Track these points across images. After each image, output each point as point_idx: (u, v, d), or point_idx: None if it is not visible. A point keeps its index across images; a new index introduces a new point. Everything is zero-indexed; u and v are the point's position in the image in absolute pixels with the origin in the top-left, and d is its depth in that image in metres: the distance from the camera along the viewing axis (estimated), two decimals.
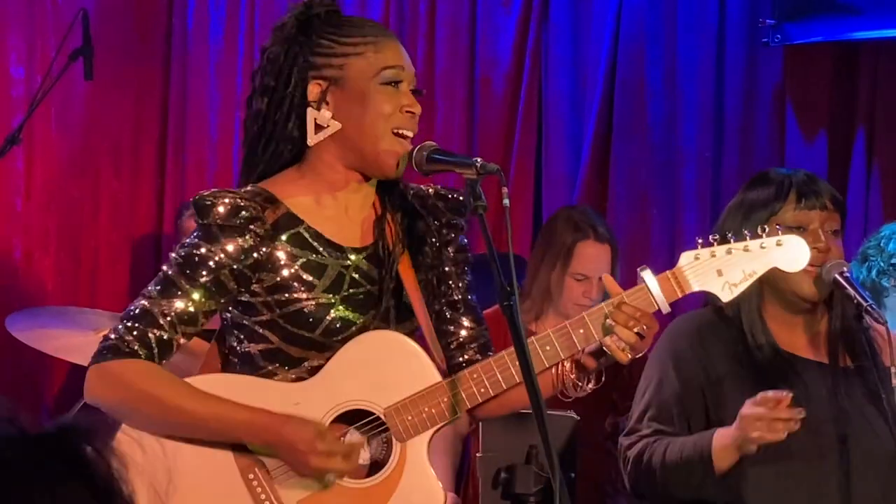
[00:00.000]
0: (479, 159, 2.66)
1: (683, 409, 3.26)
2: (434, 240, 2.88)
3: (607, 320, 2.75)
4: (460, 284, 2.92)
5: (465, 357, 2.91)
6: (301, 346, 2.76)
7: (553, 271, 4.53)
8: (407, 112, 2.77)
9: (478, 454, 3.90)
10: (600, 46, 5.69)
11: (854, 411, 3.23)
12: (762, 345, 3.24)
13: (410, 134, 2.77)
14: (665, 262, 5.43)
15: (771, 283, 3.23)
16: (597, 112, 5.67)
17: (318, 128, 2.77)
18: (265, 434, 2.70)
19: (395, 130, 2.75)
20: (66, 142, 6.09)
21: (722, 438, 3.12)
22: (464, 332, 2.92)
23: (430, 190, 2.91)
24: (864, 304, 3.14)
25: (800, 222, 3.22)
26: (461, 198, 2.91)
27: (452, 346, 2.91)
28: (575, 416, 3.83)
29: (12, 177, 5.90)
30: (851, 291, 3.15)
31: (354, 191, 2.83)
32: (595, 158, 5.67)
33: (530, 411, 2.56)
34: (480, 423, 3.82)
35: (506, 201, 2.57)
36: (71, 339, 4.86)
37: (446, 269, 2.90)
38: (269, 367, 2.77)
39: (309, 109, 2.77)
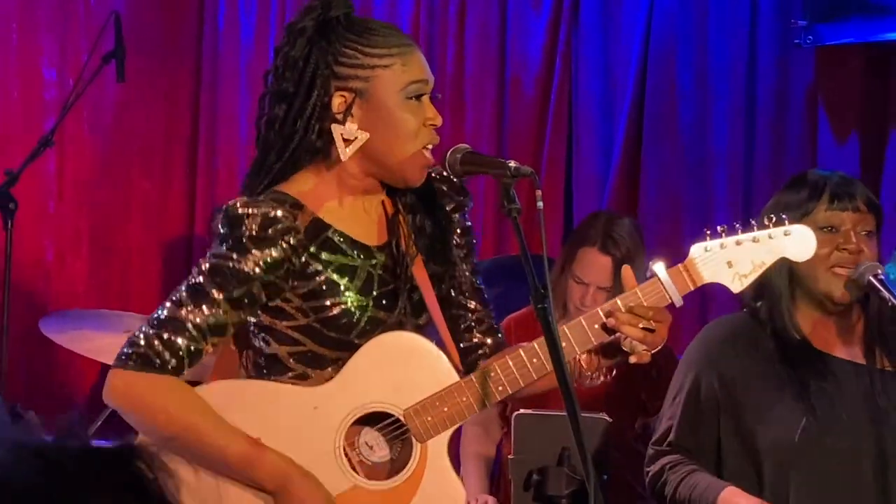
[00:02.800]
0: (512, 162, 2.65)
1: (712, 421, 3.25)
2: (443, 231, 2.88)
3: (608, 319, 2.75)
4: (465, 267, 2.91)
5: (475, 340, 2.92)
6: (334, 348, 2.75)
7: (561, 271, 4.54)
8: (430, 125, 2.75)
9: (510, 456, 3.90)
10: (631, 48, 5.68)
11: (892, 411, 3.22)
12: (795, 344, 3.23)
13: (433, 146, 2.76)
14: None
15: (803, 286, 3.23)
16: (627, 114, 5.66)
17: (346, 141, 2.74)
18: (276, 481, 2.67)
19: (421, 143, 2.74)
20: (98, 144, 6.11)
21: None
22: (471, 315, 2.92)
23: (432, 173, 2.86)
24: None
25: (831, 223, 3.21)
26: (459, 181, 2.89)
27: (462, 329, 2.92)
28: (607, 419, 3.83)
29: (44, 179, 5.93)
30: (886, 294, 3.14)
31: (373, 193, 2.82)
32: (626, 160, 5.66)
33: (563, 413, 2.57)
34: (513, 425, 3.82)
35: (539, 204, 2.57)
36: (103, 341, 4.88)
37: (454, 256, 2.90)
38: (301, 370, 2.77)
39: (335, 125, 2.73)
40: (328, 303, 2.73)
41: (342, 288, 2.74)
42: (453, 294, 2.91)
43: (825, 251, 3.18)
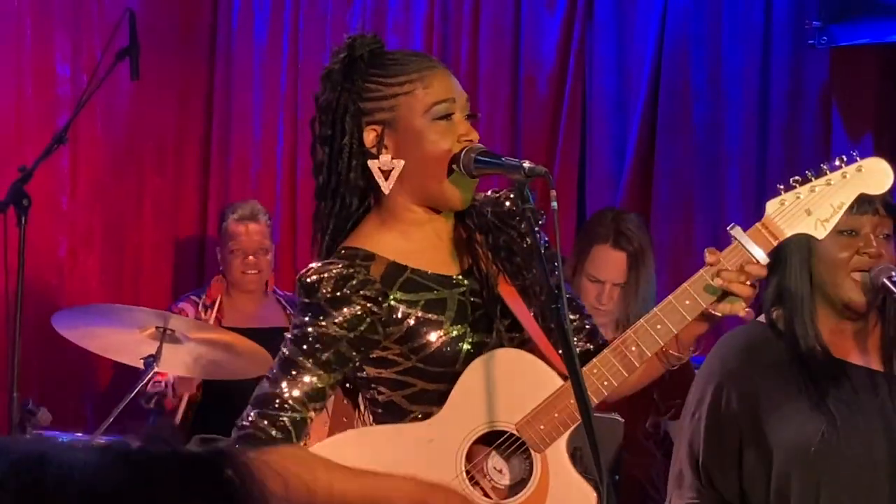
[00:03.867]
0: (526, 161, 2.65)
1: (733, 434, 3.24)
2: (519, 248, 2.87)
3: (715, 280, 2.75)
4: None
5: (577, 348, 2.88)
6: (445, 381, 2.75)
7: (573, 270, 4.54)
8: (465, 141, 2.73)
9: None
10: (645, 47, 5.68)
11: None
12: (815, 351, 3.21)
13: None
14: None
15: (822, 291, 3.22)
16: (641, 113, 5.65)
17: (385, 173, 2.75)
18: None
19: (455, 162, 2.73)
20: (111, 141, 6.13)
21: None
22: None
23: (500, 196, 2.90)
24: None
25: (851, 227, 3.20)
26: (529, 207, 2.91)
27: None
28: (620, 419, 3.82)
29: (58, 175, 5.94)
30: None
31: (437, 220, 2.81)
32: (639, 159, 5.66)
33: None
34: None
35: (554, 203, 2.57)
36: (115, 338, 4.88)
37: (539, 269, 2.85)
38: (420, 410, 2.77)
39: (370, 161, 2.75)
40: (425, 341, 2.73)
41: (436, 322, 2.74)
42: (547, 308, 2.88)
43: (845, 255, 3.17)
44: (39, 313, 5.33)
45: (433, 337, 2.73)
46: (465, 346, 2.75)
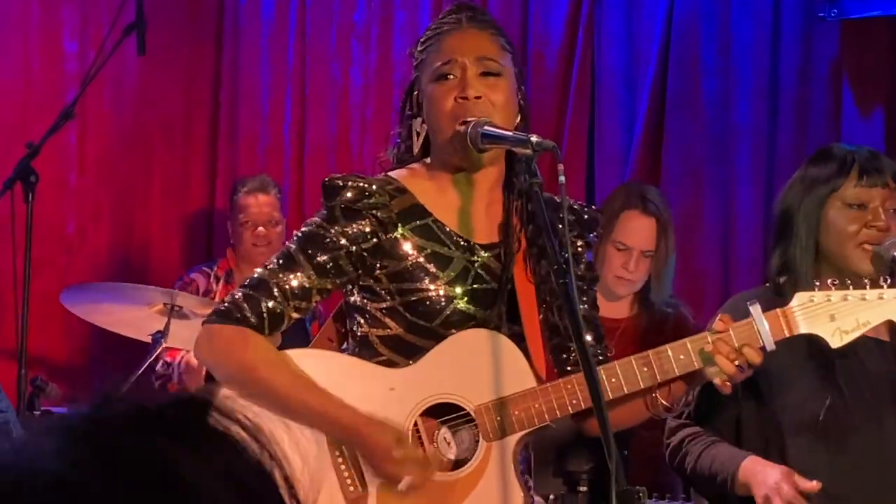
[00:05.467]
0: (534, 136, 2.65)
1: (732, 398, 3.23)
2: (557, 252, 2.87)
3: (706, 348, 2.75)
4: (584, 299, 2.89)
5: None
6: (420, 335, 2.78)
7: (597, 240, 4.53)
8: (460, 99, 2.76)
9: None
10: (654, 21, 5.65)
11: None
12: None
13: (471, 119, 2.74)
14: (718, 238, 5.43)
15: (830, 263, 3.21)
16: (650, 88, 5.62)
17: (419, 135, 2.86)
18: (346, 432, 2.73)
19: (457, 120, 2.76)
20: (119, 117, 6.11)
21: (745, 475, 3.14)
22: None
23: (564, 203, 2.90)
24: None
25: (860, 199, 3.19)
26: (594, 215, 2.94)
27: (571, 360, 2.88)
28: None
29: (66, 152, 5.93)
30: None
31: (471, 183, 2.84)
32: (648, 135, 5.63)
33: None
34: None
35: (562, 178, 2.58)
36: (123, 314, 4.89)
37: (567, 269, 2.88)
38: (388, 355, 2.80)
39: (413, 120, 2.86)
40: (416, 286, 2.77)
41: (433, 274, 2.78)
42: (567, 325, 2.87)
43: (854, 228, 3.17)
44: (47, 290, 5.33)
45: (423, 286, 2.77)
46: (451, 308, 2.77)
